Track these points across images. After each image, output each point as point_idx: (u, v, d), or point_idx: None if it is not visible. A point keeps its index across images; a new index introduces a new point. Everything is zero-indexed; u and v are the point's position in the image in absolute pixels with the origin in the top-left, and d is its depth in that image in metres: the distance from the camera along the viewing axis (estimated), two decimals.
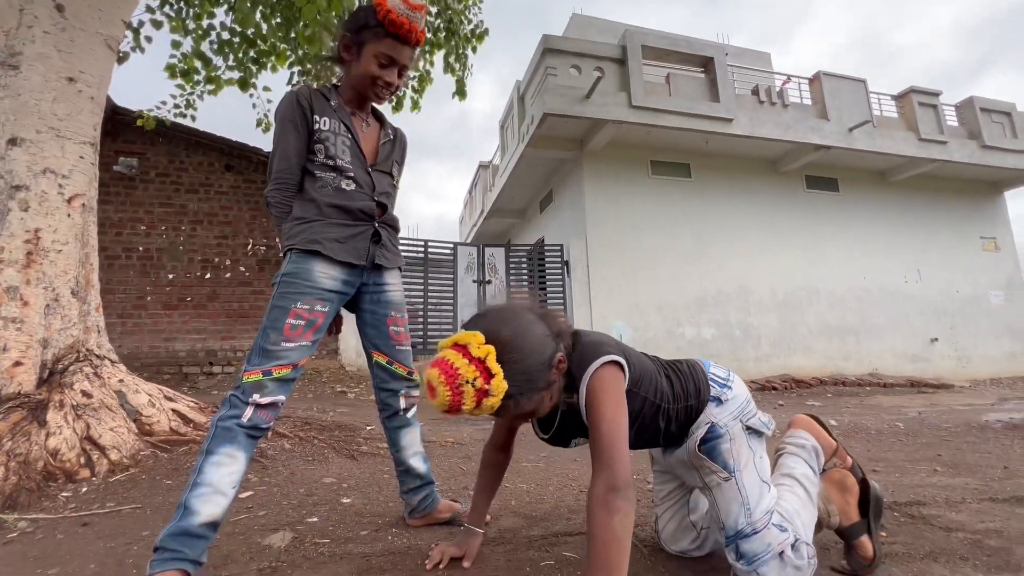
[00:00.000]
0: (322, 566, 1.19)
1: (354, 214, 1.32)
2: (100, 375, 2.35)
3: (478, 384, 0.81)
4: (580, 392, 0.95)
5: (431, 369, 0.84)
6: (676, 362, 1.17)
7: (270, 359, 1.18)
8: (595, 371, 0.94)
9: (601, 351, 0.97)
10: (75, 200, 2.35)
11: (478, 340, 0.84)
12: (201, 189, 6.49)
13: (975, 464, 2.28)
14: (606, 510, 0.84)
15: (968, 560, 1.18)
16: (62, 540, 1.39)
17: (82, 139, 2.40)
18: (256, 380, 1.15)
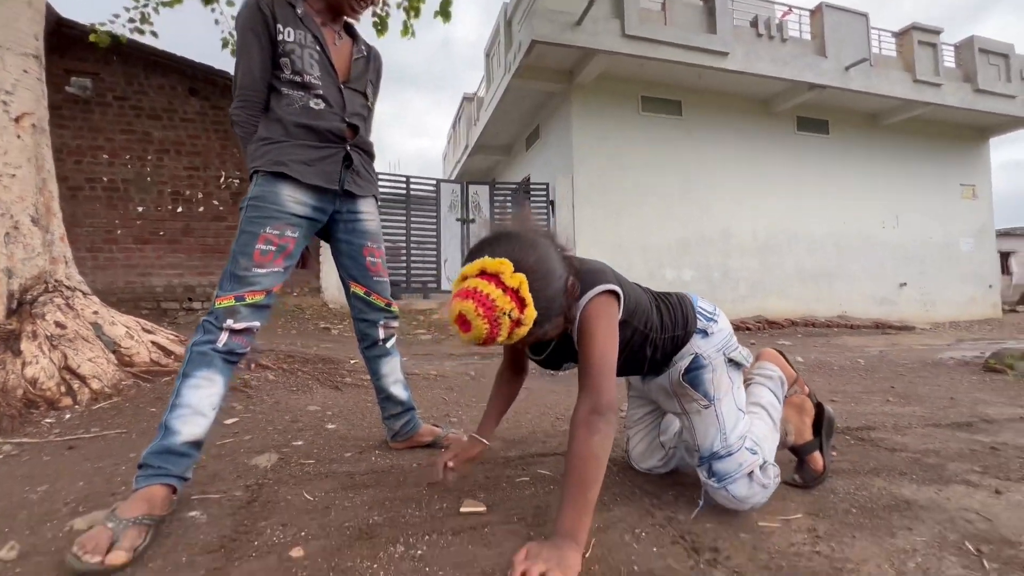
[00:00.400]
0: (308, 483, 1.24)
1: (323, 135, 1.26)
2: (73, 306, 2.30)
3: (514, 315, 0.79)
4: (575, 318, 0.95)
5: (464, 302, 0.79)
6: (666, 294, 1.19)
7: (242, 285, 1.16)
8: (592, 299, 0.94)
9: (600, 279, 0.96)
10: (23, 120, 2.18)
11: (509, 268, 0.80)
12: (164, 115, 6.09)
13: (925, 395, 2.44)
14: (588, 430, 0.86)
15: (906, 475, 1.29)
16: (48, 461, 1.42)
17: (23, 50, 2.19)
18: (229, 305, 1.14)
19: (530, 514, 1.05)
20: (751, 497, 1.03)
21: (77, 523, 0.99)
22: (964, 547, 0.90)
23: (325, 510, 1.08)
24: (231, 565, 0.85)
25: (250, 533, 0.97)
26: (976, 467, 1.35)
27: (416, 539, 0.94)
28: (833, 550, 0.89)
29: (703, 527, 0.99)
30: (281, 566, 0.84)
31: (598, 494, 0.86)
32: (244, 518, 1.04)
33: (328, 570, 0.83)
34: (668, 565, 0.85)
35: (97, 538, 0.86)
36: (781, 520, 1.02)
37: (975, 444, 1.57)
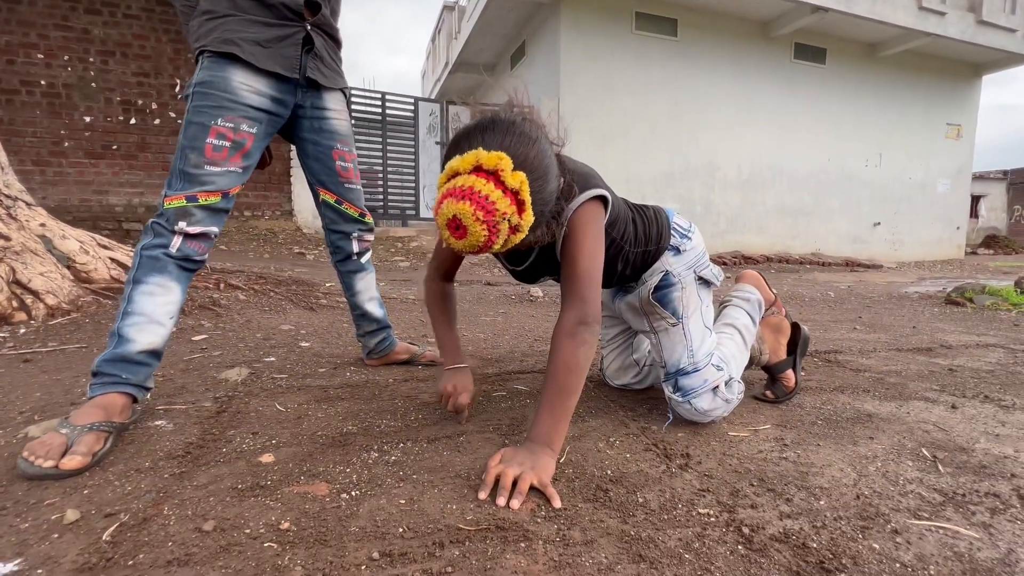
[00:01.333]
0: (279, 395, 1.22)
1: (276, 10, 1.09)
2: (15, 217, 2.12)
3: (513, 220, 0.71)
4: (564, 223, 0.86)
5: (459, 203, 0.69)
6: (643, 207, 1.13)
7: (194, 183, 1.04)
8: (583, 203, 0.87)
9: (590, 183, 0.89)
10: None
11: (509, 165, 0.70)
12: (104, 9, 5.40)
13: (889, 324, 2.54)
14: (573, 340, 0.83)
15: (869, 392, 1.34)
16: (2, 374, 1.35)
17: None
18: (180, 206, 1.02)
19: (506, 425, 1.05)
20: (713, 410, 1.04)
21: (32, 430, 0.95)
22: (921, 453, 0.94)
23: (297, 420, 1.06)
24: (197, 470, 0.82)
25: (218, 441, 0.95)
26: (934, 386, 1.40)
27: (390, 446, 0.93)
28: (799, 456, 0.92)
29: (675, 436, 1.01)
30: (250, 471, 0.82)
31: (575, 404, 0.85)
32: (212, 427, 1.01)
33: (299, 474, 0.81)
34: (641, 470, 0.86)
35: (49, 443, 0.81)
36: (750, 430, 1.05)
37: (934, 366, 1.64)
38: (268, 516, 0.68)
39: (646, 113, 7.43)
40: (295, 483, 0.78)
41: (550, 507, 0.73)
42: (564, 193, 0.83)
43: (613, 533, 0.66)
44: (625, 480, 0.82)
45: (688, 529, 0.67)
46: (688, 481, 0.82)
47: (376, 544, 0.62)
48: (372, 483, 0.79)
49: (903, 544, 0.65)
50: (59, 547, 0.60)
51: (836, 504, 0.75)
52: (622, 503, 0.74)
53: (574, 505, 0.73)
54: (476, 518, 0.69)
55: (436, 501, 0.73)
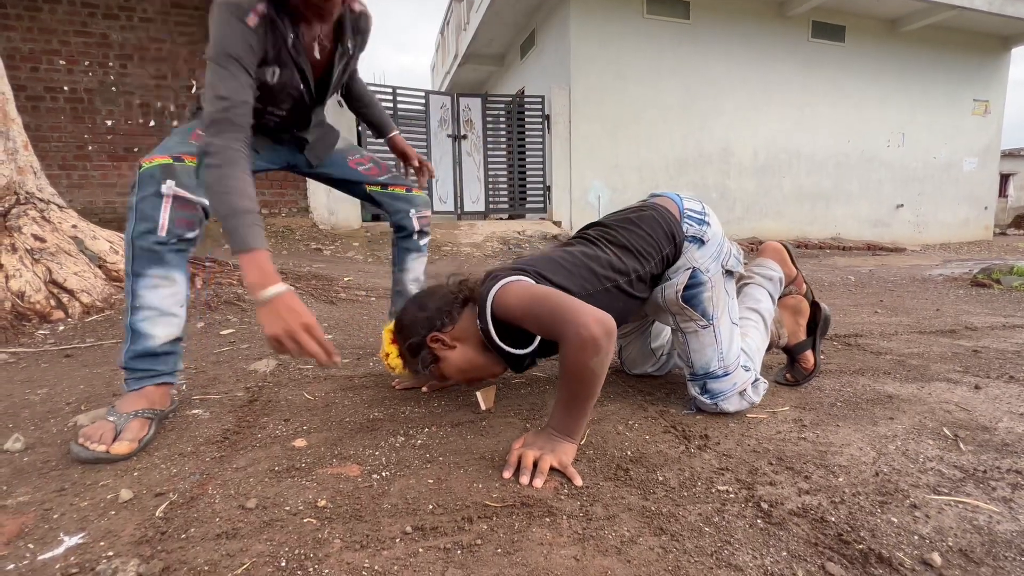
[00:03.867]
0: (307, 385, 1.26)
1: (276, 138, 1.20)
2: (49, 219, 2.21)
3: (383, 359, 1.05)
4: (491, 334, 0.92)
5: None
6: (633, 217, 1.05)
7: (177, 148, 0.98)
8: (493, 307, 0.89)
9: (487, 289, 0.91)
10: None
11: (388, 326, 1.06)
12: (121, 14, 5.51)
13: (912, 307, 2.50)
14: (583, 351, 0.77)
15: (890, 374, 1.33)
16: (47, 368, 1.42)
17: None
18: (164, 163, 0.94)
19: (526, 410, 1.08)
20: (739, 410, 1.04)
21: (80, 419, 1.01)
22: (942, 432, 0.94)
23: (326, 408, 1.10)
24: (236, 454, 0.87)
25: (253, 427, 0.99)
26: (957, 367, 1.39)
27: (416, 431, 0.97)
28: (818, 436, 0.93)
29: (694, 419, 1.03)
30: (284, 454, 0.86)
31: (594, 404, 0.84)
32: (246, 415, 1.06)
33: (331, 457, 0.85)
34: (660, 450, 0.88)
35: (101, 429, 0.87)
36: (769, 412, 1.06)
37: (958, 348, 1.62)
38: (305, 495, 0.72)
39: (658, 99, 7.32)
40: (328, 465, 0.82)
41: (572, 486, 0.75)
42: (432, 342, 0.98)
43: (634, 509, 0.69)
44: (645, 460, 0.84)
45: (707, 505, 0.69)
46: (707, 461, 0.84)
47: (408, 519, 0.66)
48: (401, 465, 0.82)
49: (922, 518, 0.66)
50: (117, 523, 0.65)
51: (855, 481, 0.76)
52: (642, 481, 0.76)
53: (595, 483, 0.76)
54: (502, 495, 0.72)
55: (463, 480, 0.77)
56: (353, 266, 4.21)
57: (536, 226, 6.54)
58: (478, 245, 5.57)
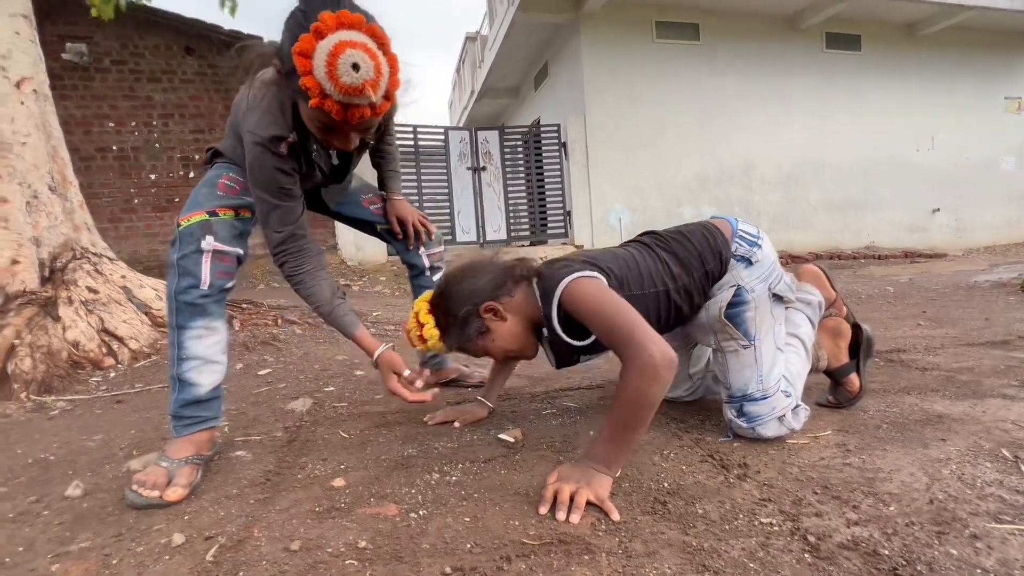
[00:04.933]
0: (343, 423, 1.29)
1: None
2: (101, 272, 2.36)
3: (415, 332, 1.05)
4: (553, 321, 0.95)
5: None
6: (683, 229, 1.10)
7: (209, 203, 1.04)
8: (562, 295, 0.92)
9: (560, 276, 0.93)
10: (24, 85, 2.15)
11: (423, 297, 1.08)
12: (163, 77, 5.96)
13: (958, 318, 2.38)
14: (644, 376, 0.79)
15: (938, 391, 1.27)
16: (100, 414, 1.50)
17: (12, 10, 2.12)
18: (202, 219, 1.01)
19: (559, 442, 1.08)
20: (777, 436, 1.01)
21: (133, 464, 1.06)
22: (1000, 454, 0.89)
23: (361, 446, 1.12)
24: (278, 495, 0.90)
25: (293, 468, 1.02)
26: (1013, 381, 1.32)
27: (450, 467, 0.97)
28: (864, 462, 0.90)
29: (731, 446, 1.00)
30: (324, 494, 0.89)
31: (641, 437, 0.84)
32: (286, 455, 1.09)
33: (369, 496, 0.87)
34: (698, 481, 0.86)
35: (155, 476, 0.91)
36: (810, 437, 1.02)
37: (1012, 360, 1.53)
38: (346, 536, 0.74)
39: (675, 120, 7.36)
40: (367, 505, 0.84)
41: (609, 521, 0.74)
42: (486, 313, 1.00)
43: (675, 544, 0.67)
44: (683, 492, 0.82)
45: (751, 539, 0.67)
46: (748, 491, 0.81)
47: (447, 559, 0.66)
48: (437, 502, 0.83)
49: (983, 549, 0.62)
50: (171, 567, 0.68)
51: (907, 510, 0.72)
52: (681, 515, 0.75)
53: (633, 518, 0.75)
54: (539, 533, 0.72)
55: (499, 518, 0.77)
56: (381, 300, 4.31)
57: (558, 251, 6.56)
58: None
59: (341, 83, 0.79)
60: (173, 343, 1.02)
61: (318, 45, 0.79)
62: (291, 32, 0.84)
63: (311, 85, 0.81)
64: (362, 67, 0.79)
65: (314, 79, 0.80)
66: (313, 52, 0.79)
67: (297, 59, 0.80)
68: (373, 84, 0.81)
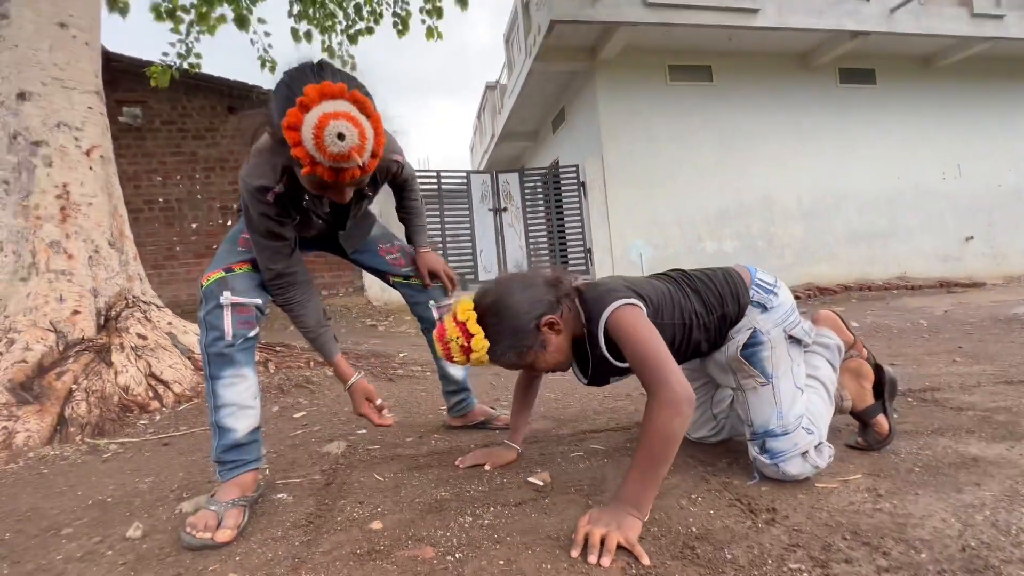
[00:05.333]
0: (376, 465, 1.34)
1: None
2: (150, 319, 2.52)
3: (460, 342, 0.99)
4: (599, 341, 1.01)
5: (435, 330, 1.05)
6: (708, 272, 1.17)
7: (227, 259, 1.15)
8: (608, 319, 0.98)
9: (608, 300, 0.99)
10: (93, 152, 2.39)
11: (465, 306, 1.01)
12: (207, 135, 6.43)
13: (995, 353, 2.31)
14: (667, 410, 0.86)
15: (974, 432, 1.25)
16: (150, 457, 1.58)
17: (86, 88, 2.39)
18: (218, 277, 1.11)
19: (587, 485, 1.10)
20: (802, 474, 1.02)
21: (184, 507, 1.12)
22: None
23: (396, 488, 1.16)
24: (320, 537, 0.94)
25: (332, 510, 1.07)
26: None
27: (482, 510, 1.01)
28: (895, 507, 0.89)
29: (759, 490, 1.01)
30: (364, 537, 0.93)
31: (666, 473, 0.88)
32: (324, 498, 1.14)
33: (406, 539, 0.91)
34: (726, 526, 0.87)
35: (205, 519, 0.97)
36: (840, 481, 1.02)
37: None
38: None
39: (691, 157, 7.49)
40: (404, 547, 0.88)
41: (640, 565, 0.76)
42: (544, 326, 1.00)
43: None
44: (711, 537, 0.84)
45: None
46: (776, 536, 0.82)
47: None
48: (471, 546, 0.86)
49: None
50: None
51: (939, 557, 0.73)
52: (710, 559, 0.77)
53: (663, 563, 0.77)
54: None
55: (532, 561, 0.80)
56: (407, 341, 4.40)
57: None
58: None
59: (329, 152, 0.86)
60: (208, 393, 1.12)
61: (304, 118, 0.85)
62: (279, 105, 0.90)
63: (301, 155, 0.87)
64: (347, 136, 0.85)
65: (304, 150, 0.86)
66: (301, 125, 0.85)
67: (286, 132, 0.86)
68: (359, 149, 0.87)
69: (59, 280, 2.21)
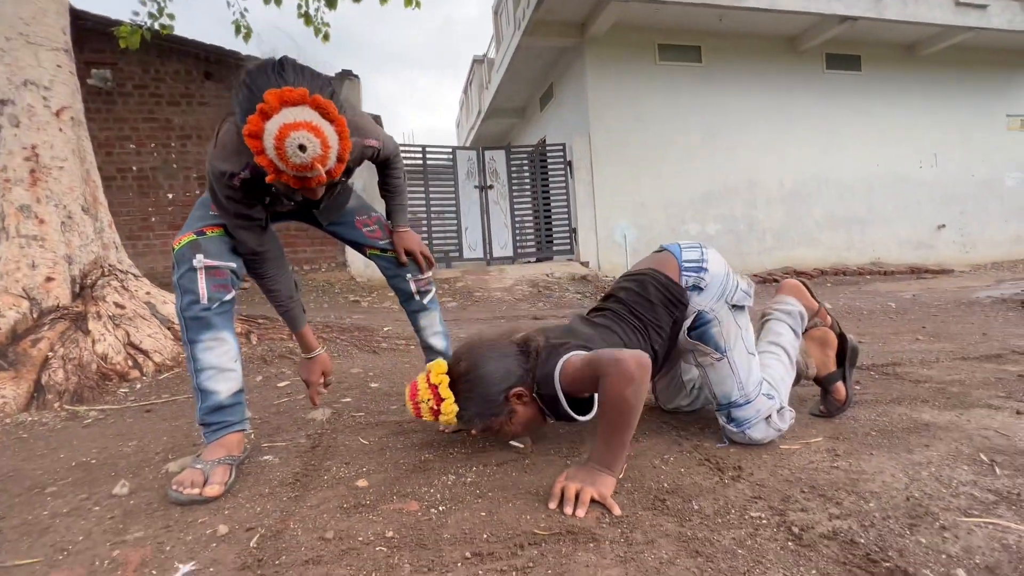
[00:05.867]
0: (362, 430, 1.37)
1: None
2: (128, 288, 2.48)
3: (431, 404, 1.04)
4: (561, 401, 1.00)
5: (407, 386, 1.10)
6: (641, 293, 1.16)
7: (199, 222, 1.12)
8: (559, 378, 0.99)
9: (551, 364, 1.01)
10: (63, 113, 2.30)
11: (439, 370, 1.05)
12: (183, 101, 6.20)
13: (956, 333, 2.43)
14: (619, 379, 0.88)
15: (928, 402, 1.33)
16: (132, 423, 1.59)
17: (54, 45, 2.28)
18: (190, 240, 1.09)
19: (565, 448, 1.15)
20: (767, 438, 1.09)
21: (171, 466, 1.14)
22: (978, 458, 0.96)
23: (381, 451, 1.20)
24: (307, 493, 0.97)
25: (319, 470, 1.10)
26: (1000, 393, 1.38)
27: (465, 469, 1.05)
28: (851, 465, 0.96)
29: (727, 451, 1.07)
30: (350, 493, 0.96)
31: (631, 436, 0.92)
32: (311, 459, 1.17)
33: (392, 495, 0.94)
34: (695, 482, 0.93)
35: (192, 476, 0.99)
36: (802, 443, 1.09)
37: (1002, 373, 1.59)
38: (374, 527, 0.81)
39: (678, 139, 7.51)
40: (390, 502, 0.91)
41: (612, 515, 0.82)
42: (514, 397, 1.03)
43: (671, 535, 0.74)
44: (681, 491, 0.89)
45: (741, 530, 0.74)
46: (740, 490, 0.88)
47: (467, 547, 0.74)
48: (455, 500, 0.90)
49: (951, 538, 0.69)
50: (220, 553, 0.76)
51: (885, 506, 0.79)
52: (679, 510, 0.82)
53: (634, 513, 0.82)
54: (549, 525, 0.79)
55: (512, 512, 0.84)
56: (390, 316, 4.40)
57: (564, 267, 6.66)
58: (508, 289, 5.71)
59: (291, 163, 0.85)
60: (188, 357, 1.10)
61: (265, 127, 0.84)
62: (241, 105, 0.89)
63: (265, 164, 0.87)
64: (308, 147, 0.84)
65: (267, 159, 0.86)
66: (262, 134, 0.85)
67: (248, 140, 0.86)
68: (322, 159, 0.87)
69: (30, 246, 2.14)
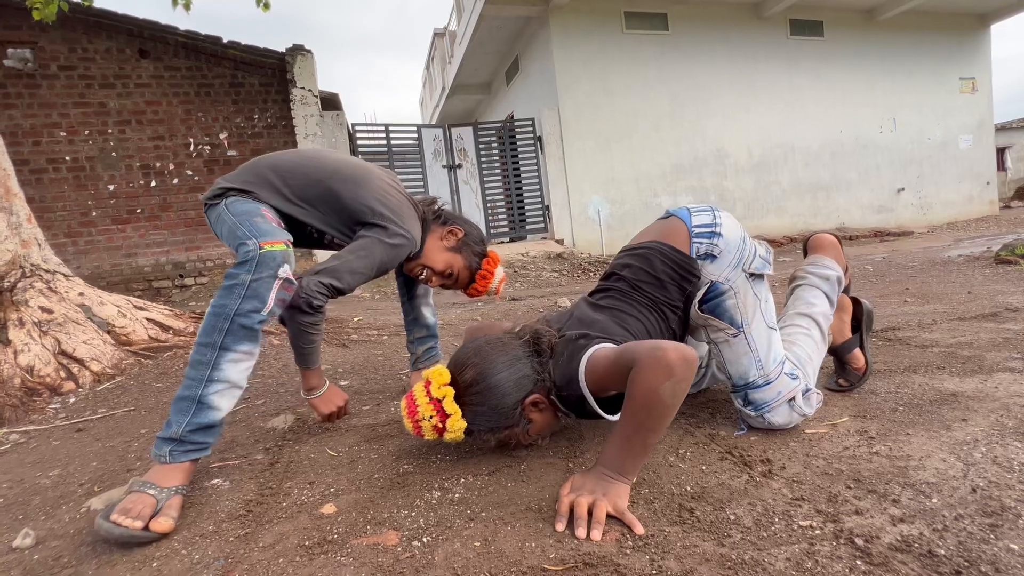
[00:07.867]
0: (329, 439, 1.19)
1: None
2: (56, 290, 2.19)
3: (434, 422, 0.89)
4: (590, 403, 0.85)
5: (403, 399, 0.95)
6: (647, 269, 1.00)
7: (281, 234, 1.04)
8: (585, 377, 0.84)
9: (575, 363, 0.85)
10: None
11: (441, 380, 0.90)
12: (117, 82, 5.65)
13: (941, 293, 2.41)
14: (656, 371, 0.71)
15: (944, 368, 1.25)
16: (58, 446, 1.36)
17: None
18: (283, 250, 1.01)
19: (565, 447, 1.01)
20: (791, 423, 0.96)
21: (94, 503, 0.94)
22: None
23: (351, 464, 1.03)
24: (261, 529, 0.80)
25: (277, 495, 0.92)
26: (1015, 354, 1.30)
27: (451, 483, 0.89)
28: (891, 449, 0.85)
29: (748, 441, 0.95)
30: (314, 524, 0.79)
31: (657, 441, 0.77)
32: (268, 480, 0.99)
33: (364, 524, 0.78)
34: (722, 482, 0.80)
35: (140, 503, 0.79)
36: (828, 425, 0.98)
37: (1006, 333, 1.53)
38: (341, 574, 0.65)
39: (647, 110, 7.38)
40: (362, 534, 0.75)
41: (634, 535, 0.68)
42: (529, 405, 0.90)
43: (712, 559, 0.61)
44: (708, 495, 0.76)
45: (794, 546, 0.62)
46: (777, 490, 0.76)
47: None
48: (441, 525, 0.75)
49: None
50: None
51: (952, 501, 0.68)
52: (712, 522, 0.69)
53: (660, 530, 0.68)
54: (560, 556, 0.64)
55: (512, 540, 0.69)
56: (361, 305, 4.17)
57: (539, 247, 6.51)
58: None
59: (489, 292, 1.34)
60: (205, 362, 0.94)
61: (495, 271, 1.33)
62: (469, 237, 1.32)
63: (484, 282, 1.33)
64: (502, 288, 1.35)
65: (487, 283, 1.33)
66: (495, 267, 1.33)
67: (487, 262, 1.33)
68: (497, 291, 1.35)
69: None
